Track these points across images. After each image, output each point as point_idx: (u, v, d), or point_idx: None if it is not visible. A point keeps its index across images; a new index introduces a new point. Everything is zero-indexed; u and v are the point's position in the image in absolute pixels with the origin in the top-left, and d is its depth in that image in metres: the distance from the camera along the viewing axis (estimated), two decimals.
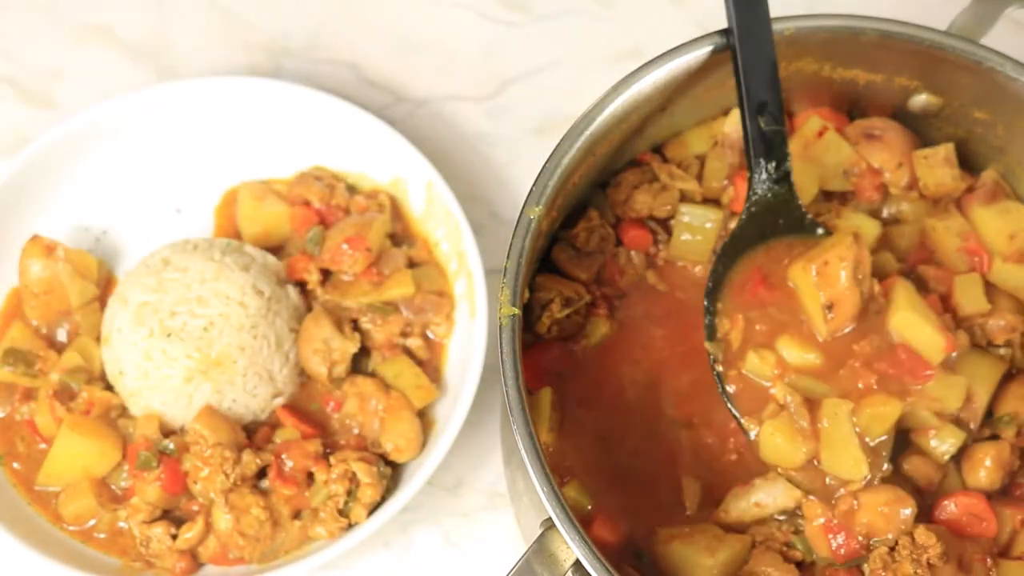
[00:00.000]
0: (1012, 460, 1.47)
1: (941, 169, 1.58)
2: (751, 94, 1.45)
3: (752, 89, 1.45)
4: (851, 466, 1.38)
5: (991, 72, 1.48)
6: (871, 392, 1.41)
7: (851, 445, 1.38)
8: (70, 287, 1.71)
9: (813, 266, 1.42)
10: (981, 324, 1.51)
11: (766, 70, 1.45)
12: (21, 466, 1.68)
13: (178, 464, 1.62)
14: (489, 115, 1.99)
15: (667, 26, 2.03)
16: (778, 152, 1.47)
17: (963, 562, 1.39)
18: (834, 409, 1.39)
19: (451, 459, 1.71)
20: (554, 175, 1.42)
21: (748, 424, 1.42)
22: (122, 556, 1.63)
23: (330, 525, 1.61)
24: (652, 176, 1.60)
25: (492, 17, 2.06)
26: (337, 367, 1.68)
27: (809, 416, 1.39)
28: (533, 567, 1.27)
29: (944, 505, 1.44)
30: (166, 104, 1.84)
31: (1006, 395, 1.49)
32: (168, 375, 1.64)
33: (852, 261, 1.41)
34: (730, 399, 1.43)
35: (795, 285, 1.44)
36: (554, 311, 1.51)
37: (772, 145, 1.47)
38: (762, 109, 1.46)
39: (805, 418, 1.39)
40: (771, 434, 1.39)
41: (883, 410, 1.39)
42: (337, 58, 2.02)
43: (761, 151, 1.47)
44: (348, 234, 1.74)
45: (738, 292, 1.46)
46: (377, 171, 1.85)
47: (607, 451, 1.49)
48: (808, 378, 1.42)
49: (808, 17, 1.50)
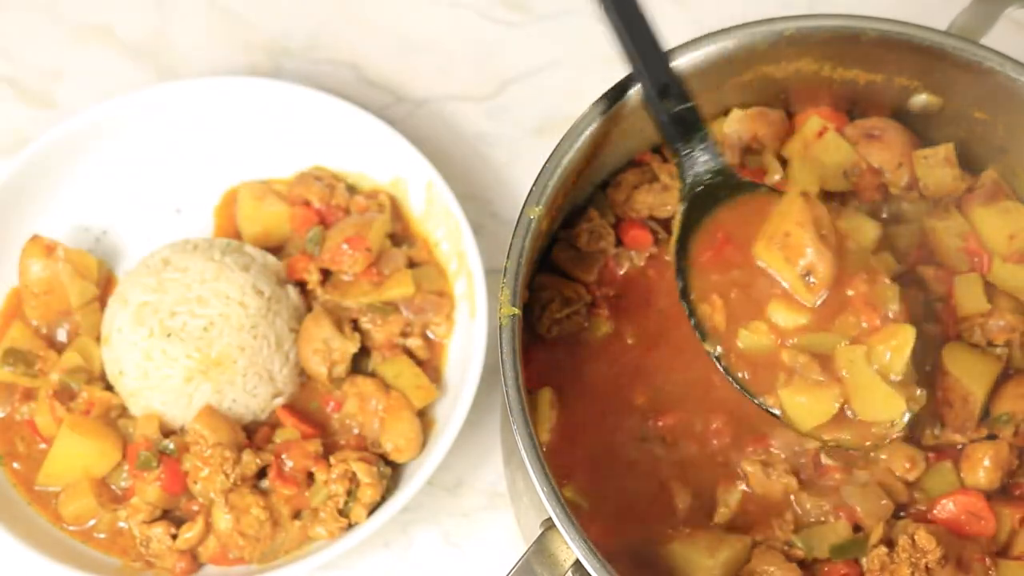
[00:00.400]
0: (1010, 459, 1.47)
1: (941, 169, 1.58)
2: (650, 77, 1.41)
3: (649, 69, 1.41)
4: (886, 406, 1.35)
5: (991, 72, 1.48)
6: (877, 328, 1.38)
7: (879, 386, 1.35)
8: (70, 287, 1.71)
9: (775, 241, 1.38)
10: (981, 324, 1.51)
11: (653, 45, 1.42)
12: (21, 466, 1.68)
13: (178, 464, 1.62)
14: (489, 115, 1.99)
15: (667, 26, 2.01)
16: (696, 128, 1.43)
17: (962, 561, 1.39)
18: (849, 357, 1.36)
19: (451, 459, 1.71)
20: (554, 175, 1.42)
21: (769, 403, 1.38)
22: (122, 556, 1.63)
23: (330, 525, 1.61)
24: (652, 176, 1.60)
25: (492, 17, 2.06)
26: (337, 367, 1.68)
27: (826, 371, 1.36)
28: (533, 567, 1.27)
29: (943, 504, 1.44)
30: (166, 104, 1.84)
31: (1003, 395, 1.49)
32: (168, 375, 1.64)
33: (811, 222, 1.36)
34: (744, 386, 1.39)
35: (766, 264, 1.40)
36: (554, 311, 1.51)
37: (687, 124, 1.43)
38: (665, 92, 1.42)
39: (820, 374, 1.36)
40: (792, 399, 1.35)
41: (896, 342, 1.36)
42: (337, 58, 2.02)
43: (678, 134, 1.43)
44: (348, 234, 1.74)
45: (704, 271, 1.42)
46: (377, 171, 1.85)
47: (607, 452, 1.49)
48: (810, 335, 1.38)
49: (808, 17, 1.50)
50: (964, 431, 1.47)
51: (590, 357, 1.54)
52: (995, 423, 1.48)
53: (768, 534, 1.43)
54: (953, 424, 1.48)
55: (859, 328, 1.38)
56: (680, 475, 1.47)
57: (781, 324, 1.39)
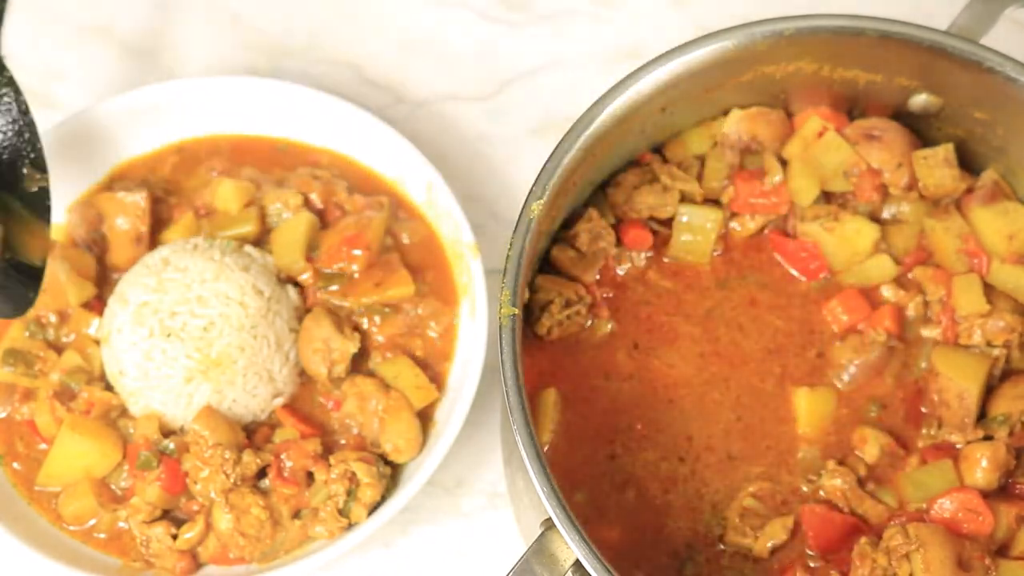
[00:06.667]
0: (1008, 460, 1.47)
1: (941, 170, 1.58)
2: None
3: None
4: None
5: (991, 72, 1.48)
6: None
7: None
8: (68, 286, 1.71)
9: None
10: (980, 325, 1.52)
11: None
12: (21, 466, 1.68)
13: (178, 464, 1.62)
14: (489, 115, 1.99)
15: (667, 26, 2.03)
16: None
17: (962, 560, 1.39)
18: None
19: (451, 459, 1.71)
20: (554, 175, 1.42)
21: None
22: (122, 556, 1.63)
23: (330, 525, 1.61)
24: (652, 176, 1.60)
25: (492, 17, 2.06)
26: (337, 367, 1.68)
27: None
28: (533, 567, 1.27)
29: (940, 504, 1.44)
30: (166, 104, 1.84)
31: (999, 396, 1.49)
32: (168, 375, 1.64)
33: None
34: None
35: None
36: (554, 312, 1.51)
37: None
38: None
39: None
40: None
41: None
42: (337, 58, 2.02)
43: None
44: (348, 234, 1.74)
45: None
46: (377, 171, 1.85)
47: (607, 452, 1.49)
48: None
49: (808, 17, 1.50)
50: (963, 430, 1.47)
51: (590, 357, 1.54)
52: (991, 424, 1.48)
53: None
54: (952, 423, 1.48)
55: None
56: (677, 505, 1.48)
57: None
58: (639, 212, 1.58)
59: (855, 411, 1.52)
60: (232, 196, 1.77)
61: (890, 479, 1.48)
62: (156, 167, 1.85)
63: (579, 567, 1.25)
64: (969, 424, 1.47)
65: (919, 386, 1.53)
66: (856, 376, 1.53)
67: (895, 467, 1.49)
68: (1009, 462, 1.47)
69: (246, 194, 1.78)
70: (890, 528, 1.41)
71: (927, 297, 1.55)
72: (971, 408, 1.47)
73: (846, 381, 1.53)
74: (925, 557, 1.37)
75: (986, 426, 1.48)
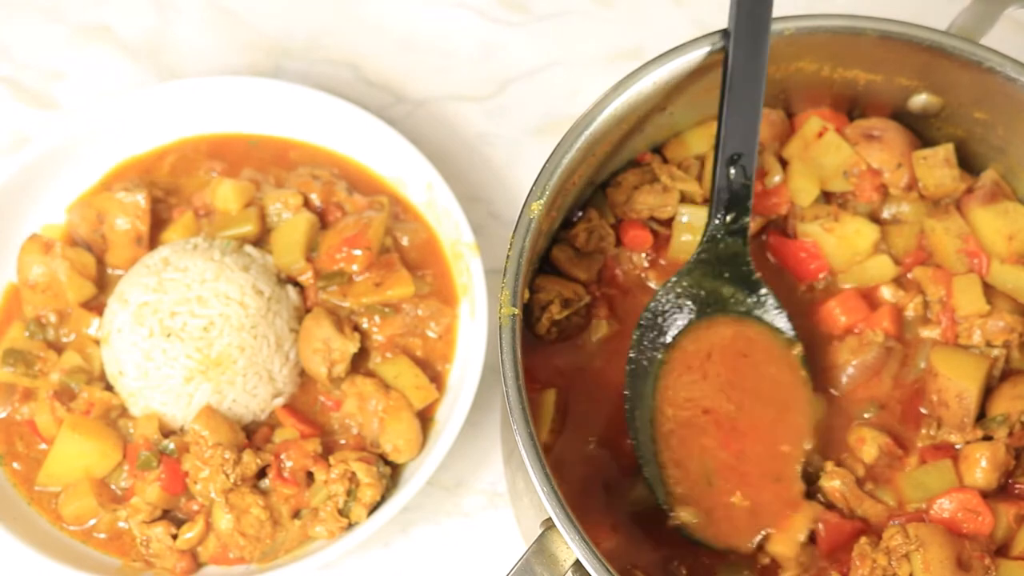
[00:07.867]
0: (1007, 460, 1.47)
1: (941, 170, 1.58)
2: (728, 143, 1.45)
3: (731, 136, 1.45)
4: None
5: (991, 72, 1.48)
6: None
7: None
8: (68, 285, 1.71)
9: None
10: (980, 325, 1.52)
11: (751, 119, 1.45)
12: (21, 466, 1.68)
13: (178, 464, 1.62)
14: (489, 115, 1.99)
15: (667, 26, 2.03)
16: (741, 206, 1.48)
17: (962, 560, 1.39)
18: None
19: (451, 459, 1.71)
20: (554, 175, 1.42)
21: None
22: (122, 556, 1.63)
23: (330, 525, 1.61)
24: (652, 177, 1.60)
25: (492, 17, 2.06)
26: (337, 367, 1.68)
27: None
28: (533, 567, 1.27)
29: (939, 504, 1.44)
30: (166, 104, 1.84)
31: (998, 396, 1.49)
32: (168, 375, 1.64)
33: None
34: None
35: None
36: (554, 312, 1.51)
37: (737, 198, 1.47)
38: (735, 160, 1.45)
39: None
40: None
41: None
42: (337, 58, 2.02)
43: (724, 202, 1.47)
44: (348, 234, 1.74)
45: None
46: (377, 171, 1.85)
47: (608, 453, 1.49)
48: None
49: (808, 17, 1.50)
50: (963, 429, 1.47)
51: (590, 358, 1.54)
52: (991, 424, 1.48)
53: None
54: (951, 423, 1.48)
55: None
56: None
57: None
58: (639, 212, 1.58)
59: (853, 412, 1.52)
60: (232, 196, 1.77)
61: (889, 479, 1.49)
62: (156, 167, 1.85)
63: (579, 567, 1.25)
64: (968, 424, 1.47)
65: (917, 386, 1.53)
66: (854, 376, 1.53)
67: (894, 467, 1.49)
68: (1008, 462, 1.47)
69: (246, 194, 1.78)
70: (890, 528, 1.42)
71: (927, 297, 1.55)
72: (970, 408, 1.47)
73: (844, 382, 1.53)
74: (925, 557, 1.37)
75: (985, 426, 1.48)
